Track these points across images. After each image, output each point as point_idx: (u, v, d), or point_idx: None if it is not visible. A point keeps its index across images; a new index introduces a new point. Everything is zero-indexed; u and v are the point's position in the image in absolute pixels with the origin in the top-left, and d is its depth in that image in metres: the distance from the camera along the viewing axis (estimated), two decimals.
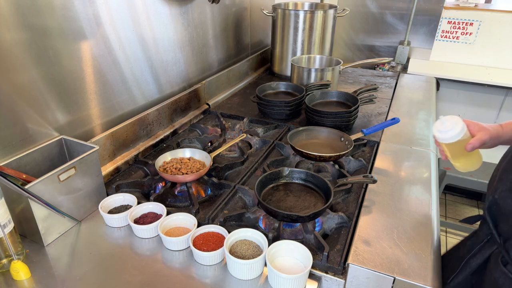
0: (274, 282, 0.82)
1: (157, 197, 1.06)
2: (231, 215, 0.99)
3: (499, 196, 0.81)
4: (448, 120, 0.89)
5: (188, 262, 0.89)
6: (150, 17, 1.33)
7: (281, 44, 2.12)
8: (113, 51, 1.20)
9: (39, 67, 0.97)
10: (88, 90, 1.14)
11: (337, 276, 0.85)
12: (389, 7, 2.50)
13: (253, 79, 2.18)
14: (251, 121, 1.60)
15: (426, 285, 0.78)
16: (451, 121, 0.88)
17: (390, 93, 1.92)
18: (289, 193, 1.06)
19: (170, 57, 1.49)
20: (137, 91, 1.35)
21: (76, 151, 1.06)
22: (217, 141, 1.38)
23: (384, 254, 0.86)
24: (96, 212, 1.05)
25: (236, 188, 1.11)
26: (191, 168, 1.14)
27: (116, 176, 1.21)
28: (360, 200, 1.07)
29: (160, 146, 1.41)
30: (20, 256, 0.87)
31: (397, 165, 1.25)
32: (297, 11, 2.00)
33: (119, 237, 0.97)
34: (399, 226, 0.96)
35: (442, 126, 0.89)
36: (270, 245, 0.86)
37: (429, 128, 1.52)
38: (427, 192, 1.10)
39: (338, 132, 1.35)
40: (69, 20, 1.03)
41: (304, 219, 0.93)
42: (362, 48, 2.70)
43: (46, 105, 1.02)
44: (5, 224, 0.82)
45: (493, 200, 0.83)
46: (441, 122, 0.90)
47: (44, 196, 0.88)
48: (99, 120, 1.21)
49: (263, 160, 1.30)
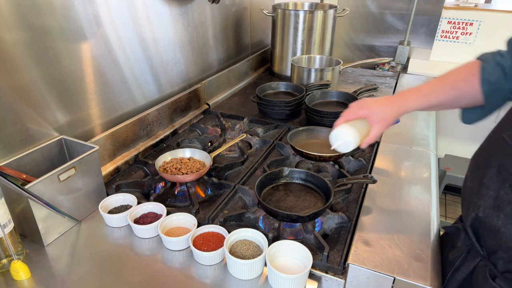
0: (274, 282, 0.82)
1: (157, 197, 1.06)
2: (231, 215, 0.99)
3: (484, 214, 0.77)
4: (339, 137, 0.93)
5: (188, 262, 0.89)
6: (150, 17, 1.34)
7: (281, 44, 2.12)
8: (113, 51, 1.20)
9: (39, 67, 0.97)
10: (88, 90, 1.14)
11: (337, 276, 0.85)
12: (389, 7, 2.50)
13: (253, 79, 2.18)
14: (251, 121, 1.60)
15: (426, 285, 0.78)
16: (342, 137, 0.92)
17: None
18: (289, 193, 1.06)
19: (170, 57, 1.49)
20: (137, 91, 1.35)
21: (76, 151, 1.06)
22: (217, 141, 1.38)
23: (384, 254, 0.86)
24: (96, 212, 1.05)
25: (236, 188, 1.11)
26: (191, 168, 1.14)
27: (116, 176, 1.21)
28: (360, 200, 1.07)
29: (160, 146, 1.41)
30: (20, 256, 0.87)
31: (397, 165, 1.25)
32: (297, 11, 2.00)
33: (119, 237, 0.97)
34: (399, 226, 0.96)
35: (337, 143, 0.94)
36: (270, 245, 0.86)
37: (429, 128, 1.52)
38: (427, 192, 1.10)
39: None
40: (69, 20, 1.03)
41: (304, 219, 0.93)
42: (362, 48, 2.70)
43: (46, 105, 1.02)
44: (5, 224, 0.82)
45: (476, 217, 0.79)
46: (335, 139, 0.94)
47: (44, 196, 0.88)
48: (99, 120, 1.21)
49: (263, 160, 1.30)
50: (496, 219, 0.74)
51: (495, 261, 0.77)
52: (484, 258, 0.79)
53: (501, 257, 0.76)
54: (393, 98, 0.93)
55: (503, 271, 0.76)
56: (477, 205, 0.78)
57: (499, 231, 0.73)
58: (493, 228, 0.74)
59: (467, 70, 0.88)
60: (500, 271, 0.76)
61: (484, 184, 0.77)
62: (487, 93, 0.86)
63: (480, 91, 0.86)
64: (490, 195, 0.75)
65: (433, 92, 0.89)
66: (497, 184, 0.74)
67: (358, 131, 0.91)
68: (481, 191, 0.78)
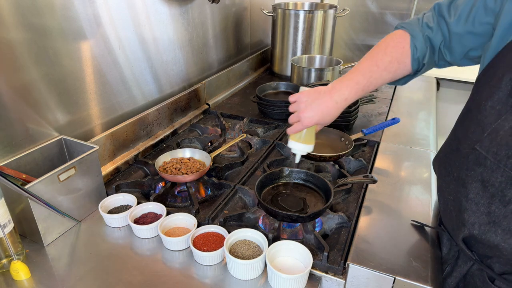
0: (274, 282, 0.82)
1: (157, 197, 1.06)
2: (231, 215, 0.99)
3: (480, 231, 0.72)
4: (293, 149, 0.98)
5: (188, 262, 0.89)
6: (150, 17, 1.33)
7: (281, 44, 2.12)
8: (113, 51, 1.20)
9: (39, 67, 0.97)
10: (88, 90, 1.14)
11: (337, 276, 0.85)
12: (389, 7, 2.50)
13: (253, 79, 2.18)
14: (251, 121, 1.60)
15: (426, 285, 0.78)
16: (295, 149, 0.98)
17: (390, 93, 1.92)
18: (289, 193, 1.06)
19: (170, 57, 1.49)
20: (137, 91, 1.35)
21: (76, 151, 1.06)
22: (217, 141, 1.38)
23: (384, 254, 0.86)
24: (96, 212, 1.04)
25: (236, 188, 1.11)
26: (191, 168, 1.14)
27: (116, 176, 1.21)
28: (360, 200, 1.07)
29: (160, 146, 1.41)
30: (20, 256, 0.87)
31: (397, 165, 1.25)
32: (297, 11, 2.00)
33: (119, 237, 0.97)
34: (399, 226, 0.96)
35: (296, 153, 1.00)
36: (270, 245, 0.86)
37: (429, 128, 1.52)
38: (427, 192, 1.10)
39: (338, 132, 1.35)
40: (69, 20, 1.03)
41: (304, 219, 0.93)
42: (362, 48, 2.70)
43: (46, 105, 1.02)
44: (5, 224, 0.82)
45: (470, 235, 0.75)
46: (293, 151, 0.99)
47: (44, 196, 0.88)
48: (99, 120, 1.21)
49: (263, 160, 1.30)
50: (494, 235, 0.70)
51: (491, 264, 0.76)
52: (478, 262, 0.77)
53: (498, 261, 0.75)
54: (327, 92, 0.91)
55: (500, 273, 0.74)
56: (470, 222, 0.74)
57: (497, 246, 0.70)
58: (491, 244, 0.71)
59: (398, 50, 0.86)
60: (497, 273, 0.75)
61: (472, 201, 0.73)
62: (417, 70, 0.89)
63: (411, 69, 0.88)
64: (482, 211, 0.71)
65: (372, 83, 0.88)
66: (486, 199, 0.70)
67: (305, 139, 0.96)
68: (470, 207, 0.74)
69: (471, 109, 0.74)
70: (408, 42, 0.85)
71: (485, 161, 0.69)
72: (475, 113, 0.71)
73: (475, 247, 0.78)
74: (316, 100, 0.91)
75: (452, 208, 0.80)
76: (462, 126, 0.77)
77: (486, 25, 0.73)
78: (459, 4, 0.78)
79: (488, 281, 0.75)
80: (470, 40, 0.77)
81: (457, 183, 0.77)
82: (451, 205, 0.81)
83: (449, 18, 0.79)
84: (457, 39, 0.79)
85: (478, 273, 0.79)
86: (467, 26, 0.76)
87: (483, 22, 0.73)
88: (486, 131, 0.68)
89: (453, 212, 0.80)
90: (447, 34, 0.81)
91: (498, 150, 0.66)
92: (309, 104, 0.91)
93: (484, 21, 0.73)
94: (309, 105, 0.91)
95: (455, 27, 0.78)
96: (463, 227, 0.76)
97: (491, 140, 0.67)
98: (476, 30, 0.75)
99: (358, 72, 0.89)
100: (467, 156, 0.73)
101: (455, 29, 0.79)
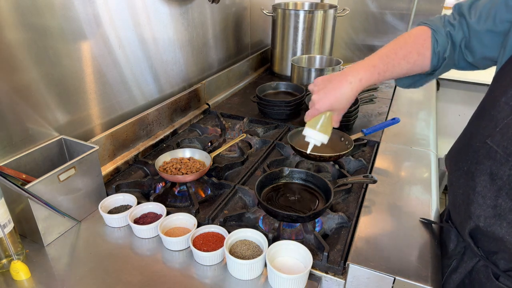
0: (274, 282, 0.82)
1: (157, 197, 1.06)
2: (231, 215, 0.99)
3: (485, 224, 0.74)
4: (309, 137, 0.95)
5: (188, 262, 0.89)
6: (150, 17, 1.33)
7: (281, 44, 2.12)
8: (113, 51, 1.20)
9: (39, 67, 0.97)
10: (88, 90, 1.14)
11: (337, 276, 0.85)
12: (389, 7, 2.50)
13: (253, 79, 2.18)
14: (251, 121, 1.60)
15: (426, 285, 0.78)
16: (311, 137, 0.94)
17: (390, 93, 1.92)
18: (289, 193, 1.06)
19: (170, 57, 1.49)
20: (137, 91, 1.35)
21: (76, 151, 1.06)
22: (217, 141, 1.38)
23: (384, 254, 0.86)
24: (96, 212, 1.04)
25: (236, 188, 1.11)
26: (191, 168, 1.14)
27: (116, 176, 1.21)
28: (360, 200, 1.07)
29: (160, 146, 1.41)
30: (20, 256, 0.87)
31: (397, 165, 1.25)
32: (297, 11, 2.00)
33: (119, 237, 0.97)
34: (399, 226, 0.96)
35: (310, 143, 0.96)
36: (270, 245, 0.86)
37: (429, 128, 1.52)
38: (427, 192, 1.10)
39: (338, 132, 1.35)
40: (69, 20, 1.03)
41: (304, 219, 0.93)
42: (362, 48, 2.69)
43: (46, 105, 1.02)
44: (5, 224, 0.82)
45: (476, 227, 0.77)
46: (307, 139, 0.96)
47: (44, 196, 0.88)
48: (99, 120, 1.21)
49: (263, 160, 1.30)
50: (499, 228, 0.71)
51: (496, 261, 0.77)
52: (483, 258, 0.79)
53: (503, 257, 0.75)
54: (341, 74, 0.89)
55: (505, 269, 0.75)
56: (476, 215, 0.76)
57: (502, 239, 0.71)
58: (496, 236, 0.73)
59: (419, 41, 0.86)
60: (502, 270, 0.75)
61: (479, 194, 0.74)
62: (436, 66, 0.87)
63: (430, 63, 0.86)
64: (488, 204, 0.73)
65: (389, 69, 0.87)
66: (493, 192, 0.72)
67: (320, 128, 0.93)
68: (476, 200, 0.75)
69: (485, 105, 0.76)
70: (429, 35, 0.85)
71: (495, 155, 0.70)
72: (489, 109, 0.73)
73: (480, 242, 0.79)
74: (330, 82, 0.89)
75: (461, 202, 0.81)
76: (475, 122, 0.79)
77: (507, 23, 0.74)
78: (480, 5, 0.79)
79: (492, 277, 0.76)
80: (490, 39, 0.78)
81: (466, 176, 0.78)
82: (460, 199, 0.82)
83: (470, 18, 0.80)
84: (477, 38, 0.80)
85: (483, 270, 0.79)
86: (487, 24, 0.77)
87: (503, 20, 0.74)
88: (498, 126, 0.69)
89: (461, 206, 0.81)
90: (467, 33, 0.81)
91: (509, 144, 0.67)
92: (323, 87, 0.90)
93: (504, 18, 0.74)
94: (323, 87, 0.89)
95: (475, 25, 0.79)
96: (469, 220, 0.78)
97: (502, 134, 0.68)
98: (497, 28, 0.76)
99: (376, 56, 0.89)
100: (478, 150, 0.74)
101: (475, 27, 0.79)
